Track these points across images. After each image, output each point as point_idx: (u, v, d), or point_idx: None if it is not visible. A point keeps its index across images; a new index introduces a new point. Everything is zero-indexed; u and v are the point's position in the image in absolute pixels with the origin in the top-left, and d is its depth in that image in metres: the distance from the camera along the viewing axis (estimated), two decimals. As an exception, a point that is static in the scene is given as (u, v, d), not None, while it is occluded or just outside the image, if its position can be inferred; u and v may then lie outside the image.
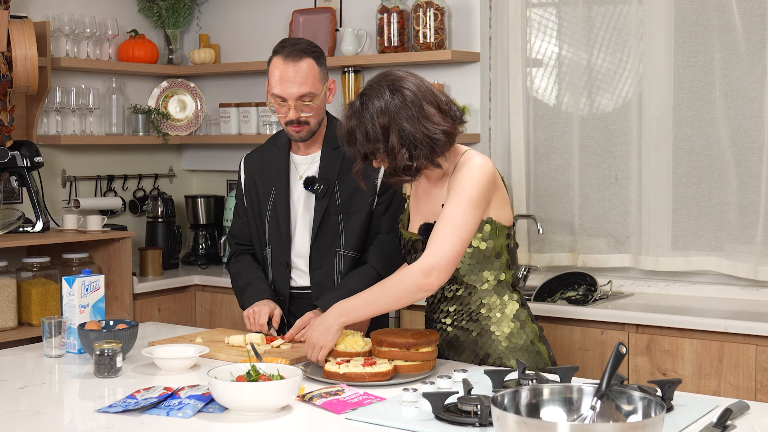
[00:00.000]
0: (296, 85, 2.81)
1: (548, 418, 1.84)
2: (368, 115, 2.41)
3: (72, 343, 2.70)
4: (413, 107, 2.40)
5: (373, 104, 2.41)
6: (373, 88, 2.45)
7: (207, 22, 4.99)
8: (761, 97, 3.59)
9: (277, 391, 2.10)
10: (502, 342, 2.54)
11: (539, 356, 2.57)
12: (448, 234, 2.40)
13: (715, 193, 3.72)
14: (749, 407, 2.11)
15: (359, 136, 2.43)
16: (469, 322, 2.56)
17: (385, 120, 2.40)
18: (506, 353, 2.54)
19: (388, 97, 2.41)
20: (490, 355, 2.55)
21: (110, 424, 2.05)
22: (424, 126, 2.39)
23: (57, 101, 4.35)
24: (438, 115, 2.42)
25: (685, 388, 3.24)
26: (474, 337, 2.55)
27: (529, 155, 4.10)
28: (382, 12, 4.18)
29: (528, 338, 2.55)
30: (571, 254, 4.03)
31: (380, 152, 2.43)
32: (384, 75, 2.48)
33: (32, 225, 4.07)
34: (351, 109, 2.46)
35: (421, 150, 2.40)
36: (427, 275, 2.38)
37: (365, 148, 2.44)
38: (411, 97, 2.41)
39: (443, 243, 2.39)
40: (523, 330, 2.55)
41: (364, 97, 2.44)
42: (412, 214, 2.64)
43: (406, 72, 2.49)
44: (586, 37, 3.98)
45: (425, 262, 2.39)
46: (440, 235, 2.41)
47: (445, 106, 2.46)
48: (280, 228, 2.97)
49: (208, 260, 4.75)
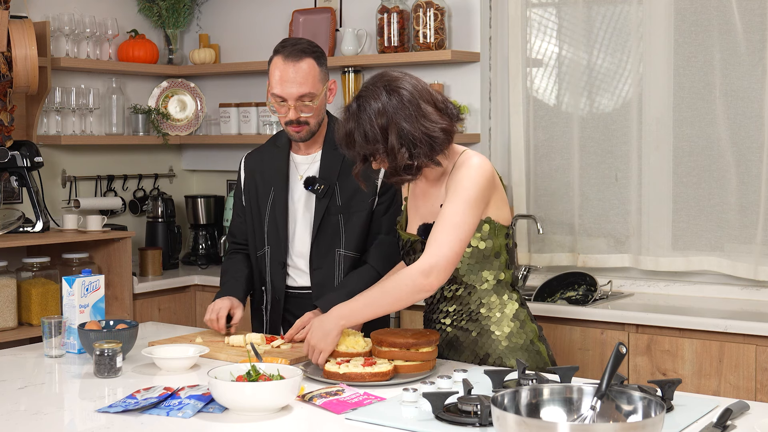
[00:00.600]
0: (296, 86, 2.81)
1: (548, 418, 1.84)
2: (366, 116, 2.40)
3: (72, 343, 2.70)
4: (411, 106, 2.40)
5: (371, 105, 2.41)
6: (370, 89, 2.44)
7: (207, 22, 4.99)
8: (761, 97, 3.59)
9: (277, 391, 2.10)
10: (502, 342, 2.54)
11: (539, 356, 2.57)
12: (447, 234, 2.39)
13: (715, 193, 3.72)
14: (749, 407, 2.11)
15: (358, 137, 2.42)
16: (468, 322, 2.56)
17: (383, 120, 2.39)
18: (506, 353, 2.54)
19: (385, 97, 2.40)
20: (490, 355, 2.55)
21: (110, 424, 2.05)
22: (423, 125, 2.39)
23: (57, 101, 4.35)
24: (436, 114, 2.42)
25: (685, 388, 3.24)
26: (474, 337, 2.55)
27: (529, 155, 4.10)
28: (382, 12, 4.18)
29: (528, 338, 2.56)
30: (571, 254, 4.03)
31: (380, 153, 2.42)
32: (380, 76, 2.48)
33: (32, 225, 4.07)
34: (348, 112, 2.46)
35: (421, 148, 2.40)
36: (427, 276, 2.37)
37: (364, 150, 2.43)
38: (408, 97, 2.40)
39: (442, 243, 2.39)
40: (523, 329, 2.55)
41: (361, 99, 2.44)
42: (410, 215, 2.64)
43: (401, 72, 2.48)
44: (586, 37, 3.98)
45: (425, 262, 2.38)
46: (439, 235, 2.40)
47: (442, 105, 2.46)
48: (278, 228, 2.97)
49: (208, 260, 4.75)
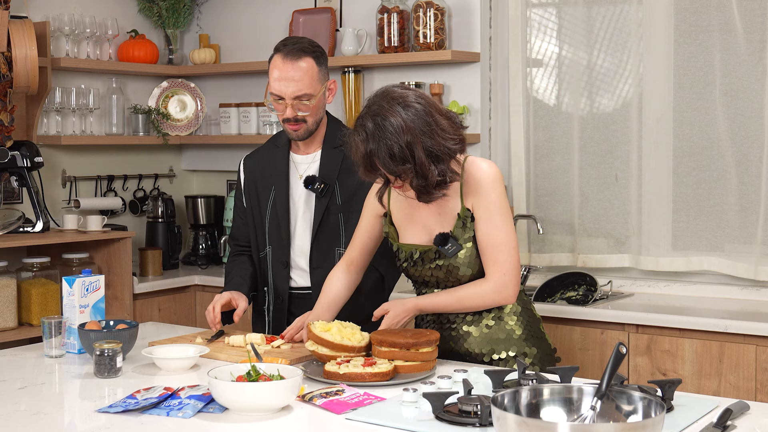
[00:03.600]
0: (293, 85, 2.81)
1: (548, 418, 1.84)
2: (389, 134, 2.32)
3: (72, 343, 2.70)
4: (429, 120, 2.36)
5: (391, 123, 2.33)
6: (383, 107, 2.36)
7: (207, 22, 4.99)
8: (761, 97, 3.59)
9: (277, 391, 2.10)
10: (516, 331, 2.57)
11: (546, 342, 2.65)
12: (500, 252, 2.49)
13: (715, 193, 3.72)
14: (749, 407, 2.11)
15: (383, 158, 2.34)
16: (476, 316, 2.60)
17: (408, 138, 2.33)
18: (520, 342, 2.57)
19: (404, 114, 2.34)
20: (504, 347, 2.57)
21: (110, 425, 2.05)
22: (442, 138, 2.37)
23: (57, 101, 4.35)
24: (449, 126, 2.41)
25: (686, 389, 3.24)
26: (487, 332, 2.58)
27: (529, 155, 4.10)
28: (382, 12, 4.18)
29: (537, 324, 2.64)
30: (571, 254, 4.03)
31: (409, 173, 2.37)
32: (385, 93, 2.41)
33: (32, 225, 4.07)
34: (365, 133, 2.36)
35: (445, 163, 2.38)
36: (501, 292, 2.52)
37: (393, 171, 2.36)
38: (423, 111, 2.36)
39: (502, 261, 2.50)
40: (534, 317, 2.64)
41: (377, 118, 2.35)
42: (403, 226, 2.61)
43: (402, 88, 2.43)
44: (586, 37, 3.98)
45: (490, 285, 2.51)
46: (491, 256, 2.50)
47: (448, 114, 2.44)
48: (280, 227, 2.97)
49: (208, 260, 4.75)
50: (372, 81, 4.38)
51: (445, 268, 2.55)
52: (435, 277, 2.58)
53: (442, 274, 2.56)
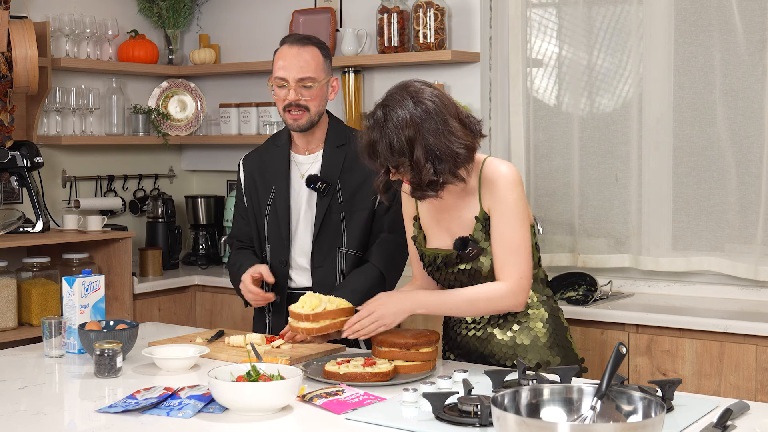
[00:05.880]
0: (298, 67, 2.82)
1: (548, 418, 1.84)
2: (392, 126, 2.33)
3: (72, 344, 2.70)
4: (438, 119, 2.34)
5: (397, 114, 2.33)
6: (395, 98, 2.36)
7: (207, 22, 4.99)
8: (761, 97, 3.59)
9: (277, 391, 2.10)
10: (541, 338, 2.55)
11: (572, 352, 2.62)
12: (513, 257, 2.45)
13: (715, 193, 3.72)
14: (749, 407, 2.11)
15: (382, 148, 2.35)
16: (502, 320, 2.58)
17: (410, 132, 2.33)
18: (544, 350, 2.55)
19: (411, 107, 2.34)
20: (528, 353, 2.55)
21: (110, 425, 2.05)
22: (448, 139, 2.34)
23: (57, 101, 4.35)
24: (461, 130, 2.38)
25: (686, 389, 3.24)
26: (511, 335, 2.56)
27: (529, 155, 4.10)
28: (382, 12, 4.18)
29: (564, 332, 2.61)
30: (571, 254, 4.03)
31: (405, 166, 2.36)
32: (404, 86, 2.41)
33: (32, 225, 4.07)
34: (372, 120, 2.38)
35: (445, 165, 2.35)
36: (517, 296, 2.46)
37: (389, 162, 2.37)
38: (434, 109, 2.34)
39: (513, 265, 2.44)
40: (561, 325, 2.61)
41: (387, 108, 2.36)
42: (430, 230, 2.59)
43: (423, 83, 2.42)
44: (586, 37, 3.98)
45: (506, 287, 2.45)
46: (508, 258, 2.45)
47: (466, 120, 2.42)
48: (279, 227, 2.97)
49: (209, 260, 4.75)
50: (372, 81, 4.38)
51: (468, 272, 2.52)
52: (459, 281, 2.55)
53: (466, 278, 2.53)
